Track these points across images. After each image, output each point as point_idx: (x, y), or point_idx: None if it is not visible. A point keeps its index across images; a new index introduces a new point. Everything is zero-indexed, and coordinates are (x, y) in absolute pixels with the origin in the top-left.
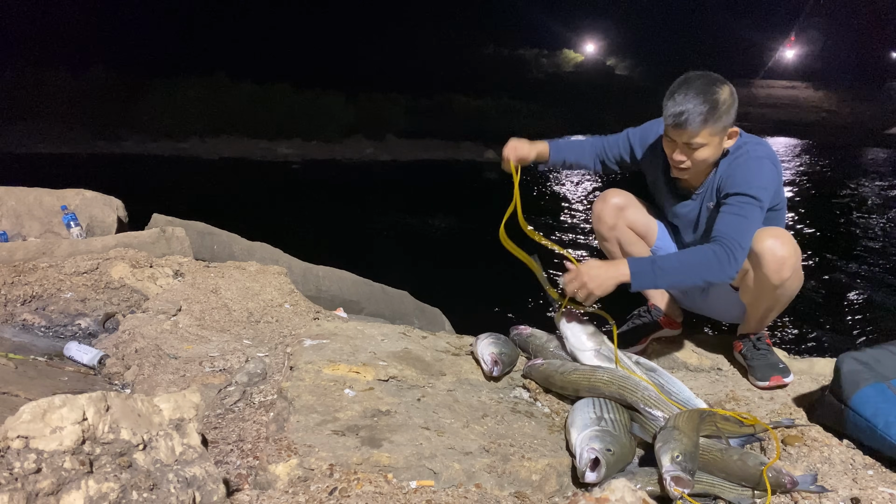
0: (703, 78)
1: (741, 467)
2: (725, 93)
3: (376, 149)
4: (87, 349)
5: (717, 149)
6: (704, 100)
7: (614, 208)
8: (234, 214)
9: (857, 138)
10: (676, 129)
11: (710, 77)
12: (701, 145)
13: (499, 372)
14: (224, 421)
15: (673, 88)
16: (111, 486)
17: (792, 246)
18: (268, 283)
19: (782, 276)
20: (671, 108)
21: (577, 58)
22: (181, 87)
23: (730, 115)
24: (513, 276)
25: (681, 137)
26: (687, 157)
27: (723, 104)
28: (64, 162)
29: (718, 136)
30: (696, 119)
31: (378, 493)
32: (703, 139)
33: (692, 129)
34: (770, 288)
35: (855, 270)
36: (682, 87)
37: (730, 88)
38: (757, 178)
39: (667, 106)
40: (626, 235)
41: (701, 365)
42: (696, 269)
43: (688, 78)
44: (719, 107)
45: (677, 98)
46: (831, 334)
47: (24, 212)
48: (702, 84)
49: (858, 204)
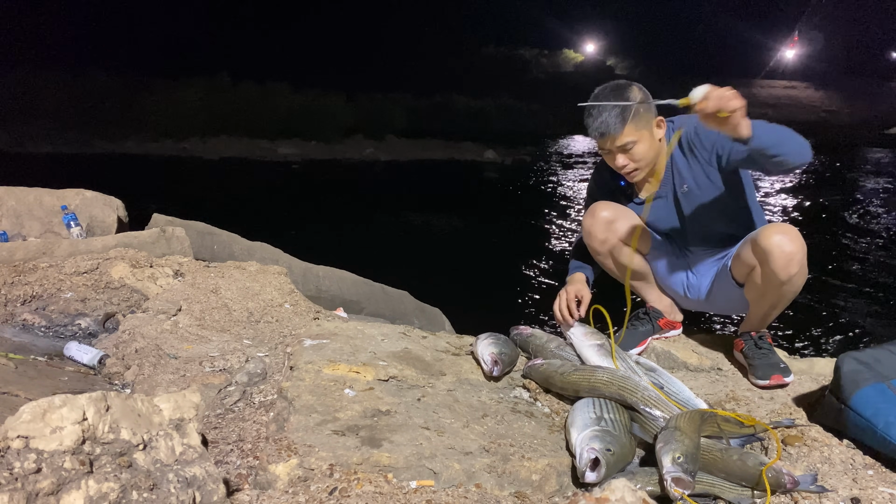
0: (607, 88)
1: (741, 467)
2: (633, 91)
3: (376, 149)
4: (87, 349)
5: (652, 141)
6: (614, 103)
7: (604, 222)
8: (234, 214)
9: (857, 138)
10: (603, 139)
11: (615, 84)
12: (633, 142)
13: (499, 372)
14: (224, 421)
15: (587, 107)
16: (111, 486)
17: (800, 241)
18: (268, 283)
19: (790, 271)
20: (591, 123)
21: (577, 58)
22: (181, 87)
23: (649, 110)
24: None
25: (611, 144)
26: (627, 159)
27: (633, 100)
28: (64, 162)
29: (646, 130)
30: (614, 121)
31: (378, 493)
32: (631, 136)
33: (615, 132)
34: (777, 284)
35: (855, 270)
36: (593, 101)
37: (637, 87)
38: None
39: (588, 124)
40: (619, 247)
41: (701, 365)
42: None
43: (596, 94)
44: (631, 103)
45: (593, 113)
46: (831, 334)
47: (24, 212)
48: (608, 92)
49: (859, 204)
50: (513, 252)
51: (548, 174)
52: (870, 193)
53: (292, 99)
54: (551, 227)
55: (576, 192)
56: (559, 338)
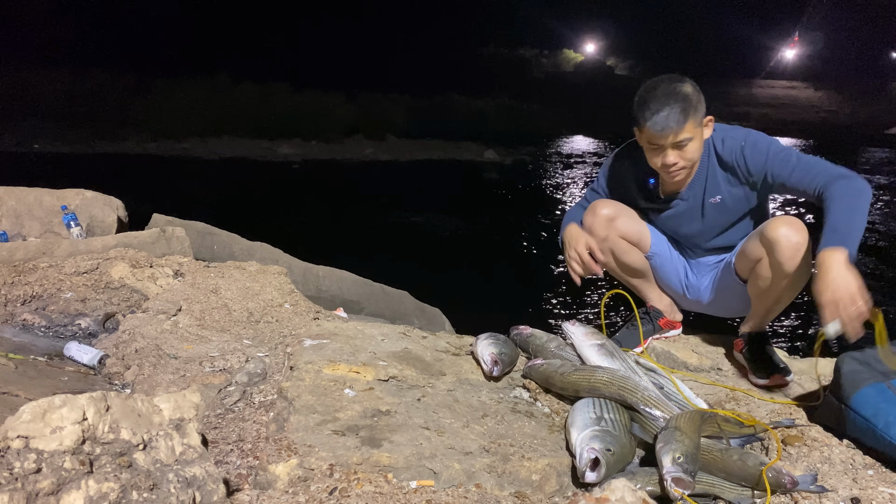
0: (665, 81)
1: (741, 467)
2: (688, 87)
3: (376, 149)
4: (87, 349)
5: (702, 140)
6: (676, 98)
7: (605, 219)
8: (234, 214)
9: (857, 138)
10: (663, 133)
11: (669, 78)
12: (689, 139)
13: (499, 372)
14: (224, 421)
15: (642, 99)
16: (111, 486)
17: (805, 233)
18: (268, 283)
19: (796, 262)
20: (650, 115)
21: (577, 58)
22: (181, 87)
23: (702, 105)
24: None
25: (668, 139)
26: (678, 156)
27: (692, 96)
28: (64, 162)
29: (700, 128)
30: (677, 116)
31: (378, 493)
32: (689, 133)
33: (677, 127)
34: (782, 276)
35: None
36: (650, 95)
37: (690, 82)
38: (769, 142)
39: (645, 116)
40: (619, 245)
41: (701, 365)
42: (860, 205)
43: (649, 85)
44: (691, 99)
45: (653, 106)
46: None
47: (24, 212)
48: (667, 86)
49: None
50: (513, 252)
51: (548, 174)
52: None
53: (292, 99)
54: (551, 227)
55: (576, 192)
56: (559, 338)
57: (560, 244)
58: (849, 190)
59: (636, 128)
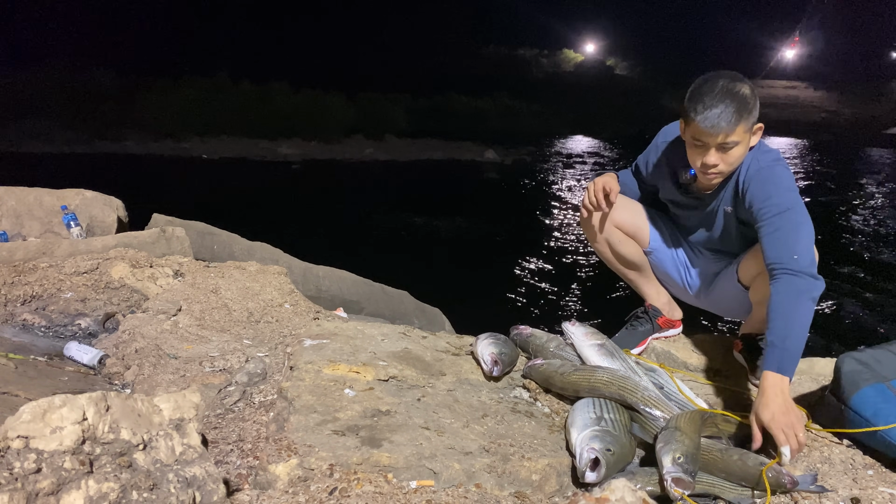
0: (724, 77)
1: (741, 467)
2: (747, 88)
3: (376, 149)
4: (87, 349)
5: (747, 146)
6: (733, 98)
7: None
8: (234, 214)
9: (857, 138)
10: (712, 131)
11: (728, 75)
12: (735, 143)
13: (499, 372)
14: (224, 421)
15: (697, 92)
16: (111, 486)
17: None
18: (268, 283)
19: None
20: (702, 111)
21: (577, 58)
22: (181, 87)
23: (757, 109)
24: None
25: (716, 139)
26: (720, 159)
27: (750, 99)
28: (64, 162)
29: (749, 133)
30: (731, 117)
31: (378, 493)
32: (738, 137)
33: (728, 128)
34: None
35: (855, 270)
36: (706, 89)
37: (750, 84)
38: (778, 185)
39: (696, 110)
40: (614, 235)
41: (701, 365)
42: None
43: (708, 79)
44: (748, 102)
45: (706, 101)
46: (831, 334)
47: (24, 212)
48: (725, 83)
49: (858, 204)
50: (513, 252)
51: (548, 174)
52: (869, 193)
53: (292, 99)
54: (551, 227)
55: (576, 192)
56: (559, 338)
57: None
58: (797, 299)
59: (683, 120)
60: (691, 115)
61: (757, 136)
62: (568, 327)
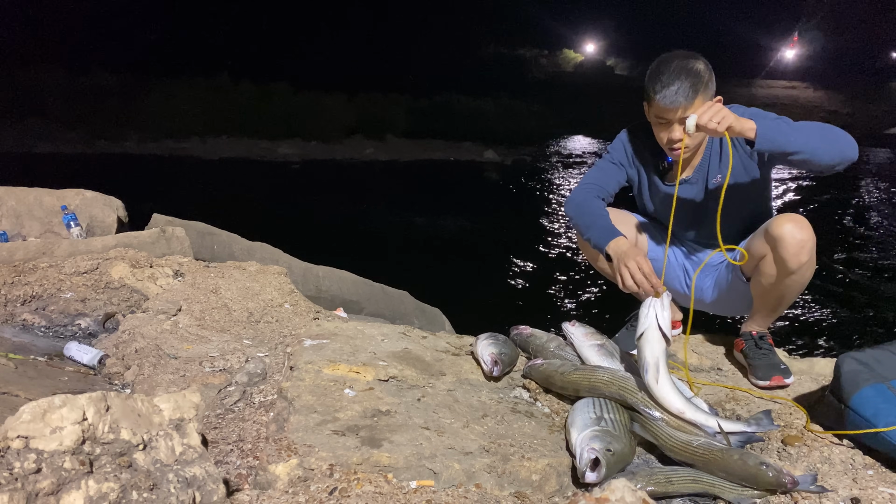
0: (678, 56)
1: (741, 467)
2: (701, 64)
3: (376, 149)
4: (87, 349)
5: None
6: (688, 74)
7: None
8: (234, 214)
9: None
10: (672, 107)
11: (682, 54)
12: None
13: (499, 372)
14: (224, 421)
15: (654, 72)
16: (111, 486)
17: (810, 230)
18: (268, 283)
19: (801, 259)
20: (660, 89)
21: (577, 58)
22: (181, 87)
23: (713, 83)
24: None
25: (676, 114)
26: (683, 134)
27: (704, 73)
28: (64, 162)
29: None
30: (688, 91)
31: (378, 493)
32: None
33: (686, 103)
34: (785, 273)
35: (855, 270)
36: (662, 68)
37: (704, 60)
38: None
39: (654, 88)
40: None
41: (701, 365)
42: (830, 134)
43: (663, 59)
44: (702, 76)
45: (663, 79)
46: (831, 334)
47: (24, 212)
48: (679, 61)
49: (858, 204)
50: (513, 252)
51: (548, 174)
52: (869, 193)
53: (292, 99)
54: (551, 227)
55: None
56: (559, 338)
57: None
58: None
59: (646, 101)
60: (651, 94)
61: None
62: (567, 328)
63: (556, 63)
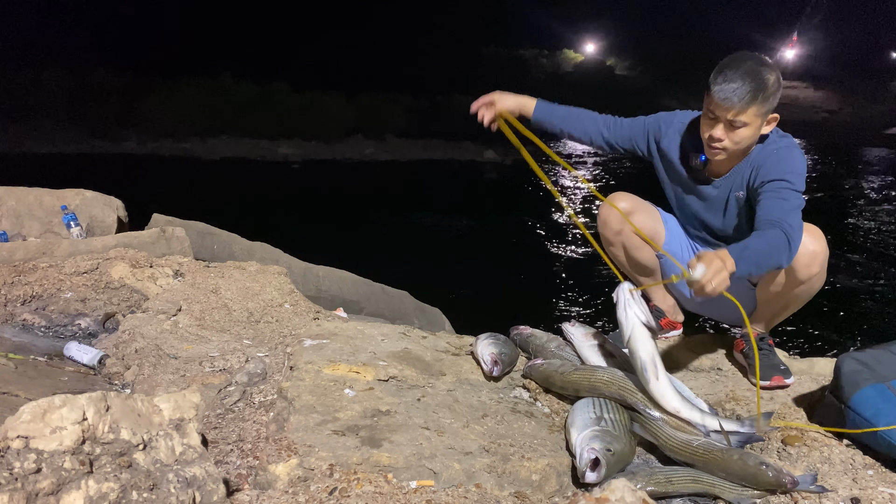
0: (754, 59)
1: (741, 467)
2: (773, 76)
3: (376, 149)
4: (87, 349)
5: (757, 132)
6: (754, 78)
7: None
8: (234, 214)
9: (857, 138)
10: (723, 105)
11: (760, 59)
12: (744, 124)
13: (499, 372)
14: (224, 421)
15: (723, 64)
16: (111, 486)
17: (823, 242)
18: (268, 283)
19: (811, 271)
20: (720, 82)
21: (577, 58)
22: (182, 87)
23: (775, 98)
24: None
25: (726, 113)
26: (726, 135)
27: (771, 86)
28: (64, 162)
29: (761, 119)
30: (745, 95)
31: (378, 493)
32: (748, 118)
33: (740, 106)
34: (794, 283)
35: (855, 270)
36: (732, 64)
37: (777, 74)
38: (790, 165)
39: (715, 80)
40: (631, 241)
41: (701, 365)
42: (771, 254)
43: (738, 56)
44: (768, 87)
45: (728, 74)
46: (831, 334)
47: (24, 212)
48: (752, 64)
49: (859, 204)
50: (513, 252)
51: (548, 174)
52: (869, 193)
53: (292, 99)
54: (552, 227)
55: (576, 192)
56: (559, 338)
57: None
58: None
59: (706, 91)
60: (711, 85)
61: (770, 126)
62: (567, 328)
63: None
